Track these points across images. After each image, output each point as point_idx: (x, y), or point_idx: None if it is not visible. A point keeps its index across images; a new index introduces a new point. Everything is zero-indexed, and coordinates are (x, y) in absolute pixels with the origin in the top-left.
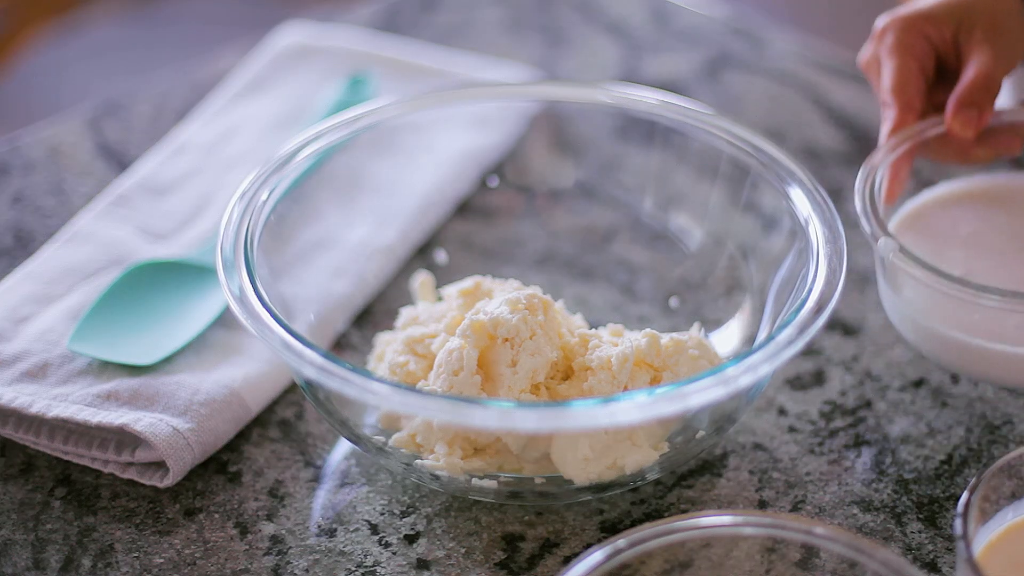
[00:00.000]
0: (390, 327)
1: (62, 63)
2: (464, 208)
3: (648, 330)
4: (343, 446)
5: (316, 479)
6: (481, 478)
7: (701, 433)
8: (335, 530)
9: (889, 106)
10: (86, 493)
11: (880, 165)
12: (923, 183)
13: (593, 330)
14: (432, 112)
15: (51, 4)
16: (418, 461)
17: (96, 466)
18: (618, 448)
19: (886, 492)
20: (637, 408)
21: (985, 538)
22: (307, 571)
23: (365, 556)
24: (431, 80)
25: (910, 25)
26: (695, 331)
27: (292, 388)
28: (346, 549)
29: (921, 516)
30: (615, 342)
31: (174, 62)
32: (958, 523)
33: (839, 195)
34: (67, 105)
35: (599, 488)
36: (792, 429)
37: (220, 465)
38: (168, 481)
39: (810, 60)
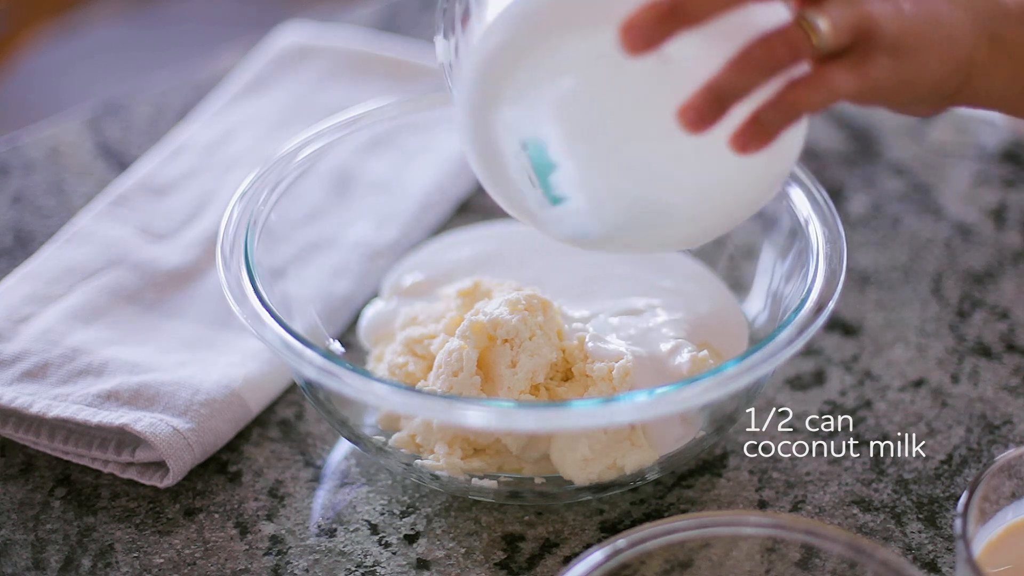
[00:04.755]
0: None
1: (62, 63)
2: (464, 208)
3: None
4: (343, 446)
5: (316, 479)
6: (481, 478)
7: (701, 433)
8: (335, 530)
9: None
10: (86, 493)
11: None
12: None
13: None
14: (432, 112)
15: (51, 4)
16: (418, 461)
17: (96, 466)
18: (618, 448)
19: (886, 492)
20: (637, 408)
21: (985, 538)
22: (307, 571)
23: (365, 556)
24: (431, 80)
25: None
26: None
27: (292, 388)
28: (346, 549)
29: (921, 516)
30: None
31: (174, 62)
32: (958, 523)
33: (839, 195)
34: (67, 105)
35: (599, 488)
36: (792, 429)
37: (220, 465)
38: (168, 481)
39: None
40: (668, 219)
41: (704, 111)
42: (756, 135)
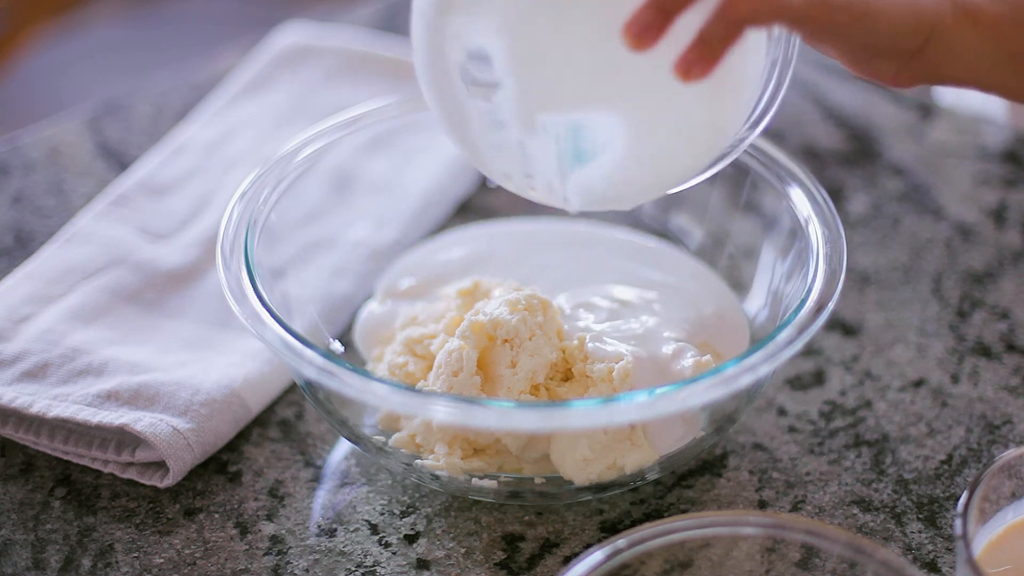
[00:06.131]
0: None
1: (62, 63)
2: (464, 208)
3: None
4: (343, 446)
5: (316, 479)
6: (481, 478)
7: (701, 433)
8: (335, 530)
9: None
10: (86, 493)
11: None
12: None
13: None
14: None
15: (51, 4)
16: (418, 461)
17: (96, 466)
18: (618, 448)
19: (886, 492)
20: (637, 408)
21: (985, 538)
22: (307, 571)
23: (365, 556)
24: None
25: None
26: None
27: (292, 388)
28: (346, 549)
29: (921, 516)
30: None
31: (174, 62)
32: (958, 523)
33: (839, 195)
34: (67, 105)
35: (599, 488)
36: (792, 429)
37: (220, 465)
38: (168, 481)
39: (810, 60)
40: (608, 166)
41: (648, 21)
42: (700, 57)
